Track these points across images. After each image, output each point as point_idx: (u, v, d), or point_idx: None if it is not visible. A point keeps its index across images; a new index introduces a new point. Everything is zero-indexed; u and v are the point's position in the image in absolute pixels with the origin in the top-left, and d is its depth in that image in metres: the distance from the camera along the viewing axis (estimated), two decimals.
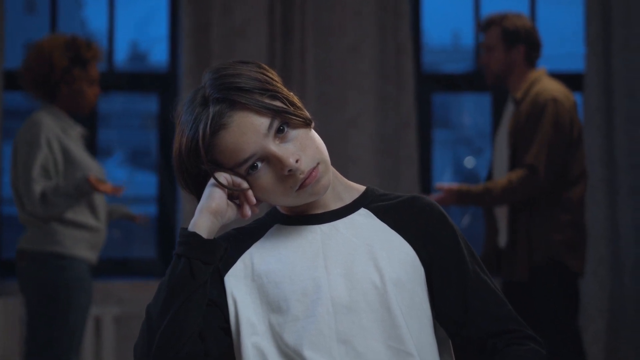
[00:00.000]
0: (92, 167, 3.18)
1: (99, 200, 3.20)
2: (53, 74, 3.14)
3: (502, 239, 3.38)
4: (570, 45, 4.78)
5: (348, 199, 1.51)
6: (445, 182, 3.94)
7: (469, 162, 7.36)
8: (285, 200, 1.44)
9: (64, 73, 3.15)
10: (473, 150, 7.18)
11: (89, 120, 4.28)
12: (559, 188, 3.26)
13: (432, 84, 4.57)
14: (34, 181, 3.03)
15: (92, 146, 4.23)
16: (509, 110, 3.43)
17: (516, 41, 3.37)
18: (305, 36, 4.22)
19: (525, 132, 3.25)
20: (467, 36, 4.76)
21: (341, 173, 1.54)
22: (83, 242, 3.12)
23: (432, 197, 3.13)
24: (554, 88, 3.29)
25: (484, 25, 3.46)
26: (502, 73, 3.41)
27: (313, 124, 1.46)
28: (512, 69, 3.39)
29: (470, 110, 7.15)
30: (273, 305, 1.43)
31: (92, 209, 3.16)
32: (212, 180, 1.41)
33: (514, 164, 3.29)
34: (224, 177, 1.41)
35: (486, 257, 3.39)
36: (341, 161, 4.17)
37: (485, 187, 3.25)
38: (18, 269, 3.13)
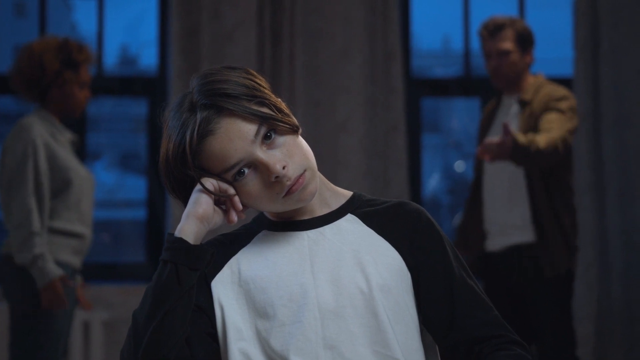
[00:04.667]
0: (80, 172, 3.16)
1: (86, 206, 3.18)
2: (44, 77, 3.13)
3: (491, 244, 3.39)
4: (558, 50, 4.79)
5: (335, 205, 1.52)
6: (432, 185, 3.94)
7: (459, 166, 7.38)
8: (272, 207, 1.44)
9: (55, 76, 3.13)
10: (463, 155, 7.21)
11: (79, 124, 4.27)
12: (567, 172, 3.30)
13: (422, 88, 4.58)
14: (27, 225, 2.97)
15: (81, 150, 4.22)
16: (511, 112, 3.40)
17: (529, 44, 3.37)
18: (294, 40, 4.22)
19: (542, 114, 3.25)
20: (457, 41, 4.77)
21: (330, 177, 1.55)
22: (67, 248, 3.10)
23: (481, 153, 3.09)
24: (564, 90, 3.34)
25: (493, 30, 3.38)
26: (516, 78, 3.39)
27: (300, 131, 1.47)
28: (524, 73, 3.38)
29: (459, 115, 7.18)
30: (260, 310, 1.43)
31: (79, 216, 3.15)
32: (198, 186, 1.41)
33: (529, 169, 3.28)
34: (210, 182, 1.41)
35: (472, 262, 3.39)
36: (331, 165, 4.17)
37: (529, 139, 3.10)
38: (1, 274, 3.11)
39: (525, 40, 3.37)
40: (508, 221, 3.34)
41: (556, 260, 3.24)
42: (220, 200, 1.43)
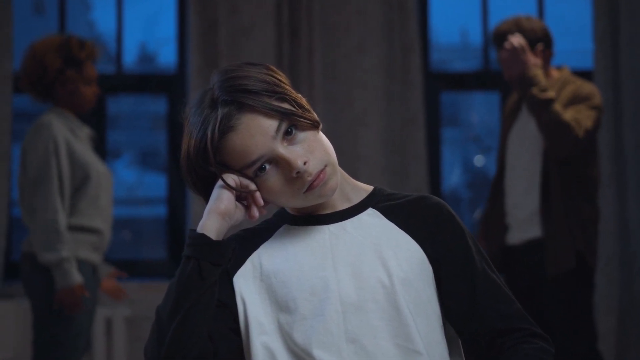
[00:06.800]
0: (99, 169, 3.17)
1: (104, 202, 3.19)
2: (46, 76, 3.13)
3: (511, 237, 3.37)
4: (578, 42, 4.77)
5: (356, 199, 1.52)
6: (454, 179, 3.92)
7: (479, 160, 7.36)
8: (293, 202, 1.45)
9: (57, 74, 3.13)
10: (482, 149, 7.18)
11: (98, 122, 4.29)
12: (588, 168, 3.27)
13: (440, 82, 4.56)
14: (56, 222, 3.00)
15: (101, 148, 4.24)
16: None
17: (543, 44, 3.31)
18: (312, 36, 4.22)
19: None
20: (476, 34, 4.76)
21: (349, 171, 1.55)
22: (86, 244, 3.10)
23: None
24: (590, 86, 3.30)
25: (498, 40, 3.34)
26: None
27: (321, 126, 1.47)
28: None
29: (479, 109, 7.15)
30: (282, 304, 1.44)
31: (98, 211, 3.16)
32: (220, 182, 1.42)
33: (547, 160, 3.25)
34: (231, 178, 1.41)
35: (494, 256, 3.38)
36: (349, 159, 4.17)
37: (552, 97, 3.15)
38: (22, 271, 3.12)
39: (533, 42, 3.30)
40: (525, 215, 3.33)
41: (559, 258, 3.20)
42: (242, 196, 1.43)
